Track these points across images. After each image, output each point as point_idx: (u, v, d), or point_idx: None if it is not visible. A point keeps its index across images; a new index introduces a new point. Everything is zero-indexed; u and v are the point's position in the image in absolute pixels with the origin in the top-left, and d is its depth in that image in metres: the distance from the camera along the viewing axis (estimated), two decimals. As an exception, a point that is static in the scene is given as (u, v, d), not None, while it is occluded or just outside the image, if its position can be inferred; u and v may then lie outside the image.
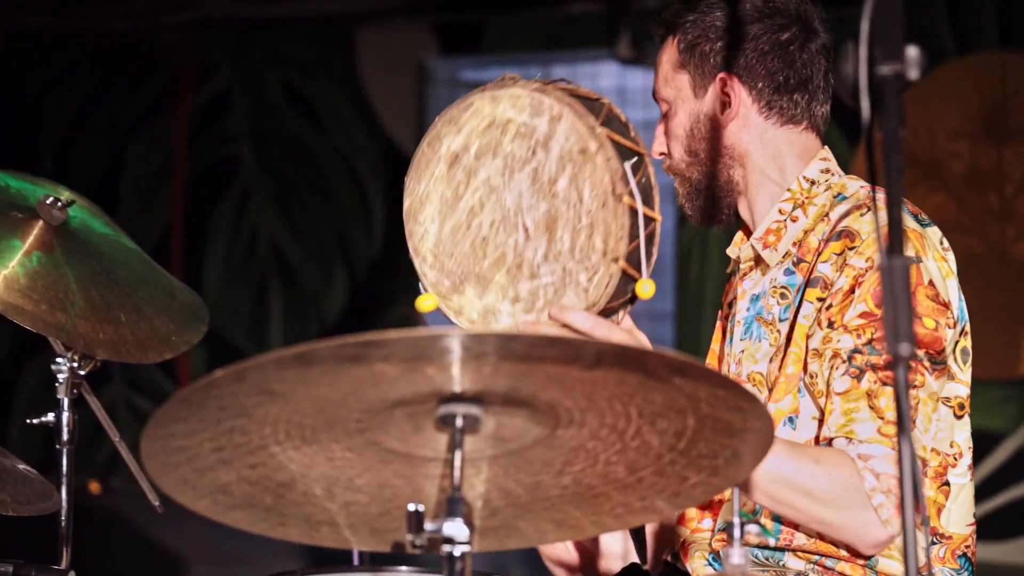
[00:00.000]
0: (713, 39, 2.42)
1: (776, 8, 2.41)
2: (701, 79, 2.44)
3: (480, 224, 2.21)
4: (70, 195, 2.54)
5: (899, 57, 1.52)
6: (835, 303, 2.27)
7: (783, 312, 2.39)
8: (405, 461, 1.70)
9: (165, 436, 1.58)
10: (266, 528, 1.75)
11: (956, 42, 7.30)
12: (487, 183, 2.20)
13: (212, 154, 9.10)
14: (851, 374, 2.23)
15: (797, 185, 2.43)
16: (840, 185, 2.43)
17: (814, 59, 2.43)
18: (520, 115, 2.15)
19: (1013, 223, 7.17)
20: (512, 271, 2.19)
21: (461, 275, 2.24)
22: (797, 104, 2.44)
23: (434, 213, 2.24)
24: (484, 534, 1.77)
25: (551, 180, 2.14)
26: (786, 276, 2.40)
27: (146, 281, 2.62)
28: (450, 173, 2.22)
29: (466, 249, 2.23)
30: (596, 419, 1.63)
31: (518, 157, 2.17)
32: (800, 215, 2.41)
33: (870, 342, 2.23)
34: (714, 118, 2.44)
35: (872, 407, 2.20)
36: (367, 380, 1.54)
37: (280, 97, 8.93)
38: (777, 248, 2.42)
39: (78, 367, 2.53)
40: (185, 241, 9.13)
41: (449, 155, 2.21)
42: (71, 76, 9.44)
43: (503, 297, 2.20)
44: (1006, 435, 7.16)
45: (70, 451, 2.55)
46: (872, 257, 2.27)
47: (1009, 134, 7.20)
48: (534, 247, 2.17)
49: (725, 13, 2.41)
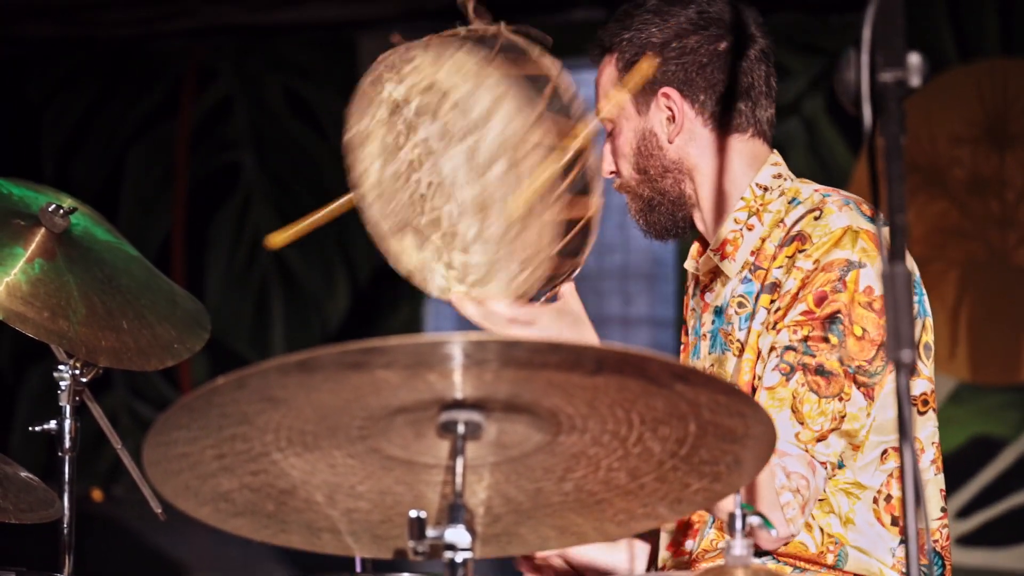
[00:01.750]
0: (651, 56, 2.41)
1: (711, 19, 2.41)
2: (643, 96, 2.43)
3: (419, 181, 2.13)
4: (72, 202, 2.54)
5: (901, 64, 1.52)
6: (782, 306, 2.28)
7: (742, 322, 2.39)
8: (407, 468, 1.70)
9: (167, 443, 1.59)
10: (268, 535, 1.75)
11: (958, 48, 7.30)
12: (426, 143, 2.12)
13: (213, 161, 9.11)
14: (781, 370, 2.23)
15: (750, 193, 2.43)
16: (794, 190, 2.42)
17: (754, 65, 2.43)
18: (463, 85, 2.07)
19: (1015, 230, 7.16)
20: (447, 237, 2.12)
21: (401, 221, 2.16)
22: (741, 112, 2.44)
23: (376, 153, 2.17)
24: (486, 541, 1.78)
25: (486, 164, 2.07)
26: (744, 285, 2.41)
27: (148, 288, 2.62)
28: (391, 120, 2.15)
29: (405, 199, 2.15)
30: (598, 425, 1.63)
31: (456, 129, 2.08)
32: (756, 223, 2.41)
33: (805, 339, 2.23)
34: (659, 134, 2.44)
35: (794, 410, 2.21)
36: (369, 387, 1.54)
37: (282, 103, 8.94)
38: (735, 258, 2.42)
39: (80, 374, 2.53)
40: (186, 248, 9.13)
41: (390, 102, 2.14)
42: (72, 84, 9.44)
43: (438, 258, 2.14)
44: (1008, 442, 7.15)
45: (72, 458, 2.55)
46: (819, 259, 2.27)
47: (1011, 140, 7.20)
48: (468, 224, 2.09)
49: (661, 28, 2.40)
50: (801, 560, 2.31)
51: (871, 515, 2.31)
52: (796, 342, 2.23)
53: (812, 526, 2.31)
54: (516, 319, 2.12)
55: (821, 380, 2.21)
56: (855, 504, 2.31)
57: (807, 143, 7.25)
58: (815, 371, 2.21)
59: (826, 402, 2.21)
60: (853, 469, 2.30)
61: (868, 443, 2.29)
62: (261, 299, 8.99)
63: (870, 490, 2.31)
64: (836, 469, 2.28)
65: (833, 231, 2.28)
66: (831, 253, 2.26)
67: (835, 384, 2.21)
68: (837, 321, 2.22)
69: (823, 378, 2.21)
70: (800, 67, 7.28)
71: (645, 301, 8.28)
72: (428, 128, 2.10)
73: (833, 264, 2.25)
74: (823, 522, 2.31)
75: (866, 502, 2.31)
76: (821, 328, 2.23)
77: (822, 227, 2.29)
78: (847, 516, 2.30)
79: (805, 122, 7.28)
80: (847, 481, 2.30)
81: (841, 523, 2.30)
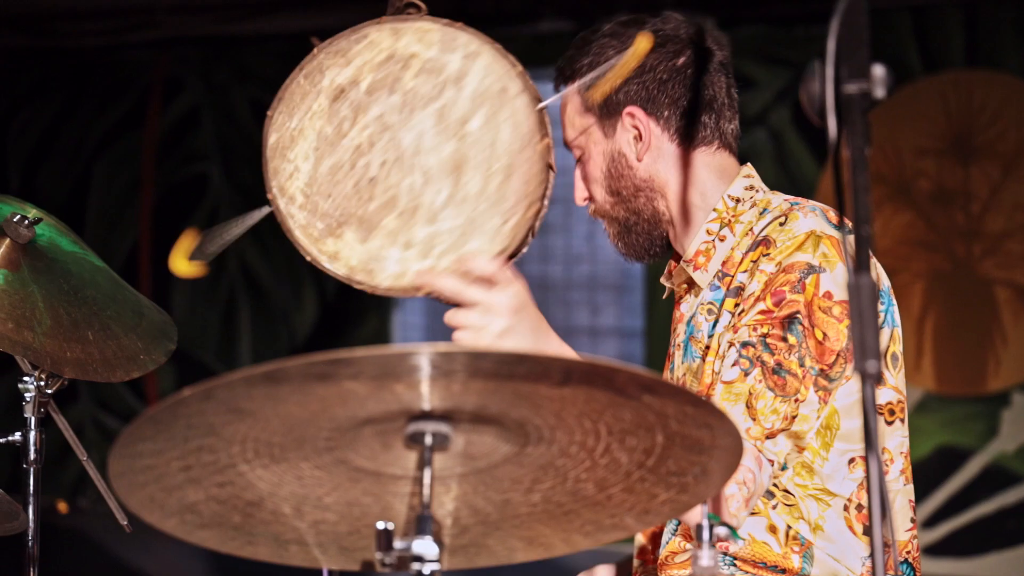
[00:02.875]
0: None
1: (667, 36, 2.42)
2: (608, 118, 2.44)
3: (368, 164, 2.11)
4: (37, 213, 2.53)
5: (865, 76, 1.53)
6: (746, 307, 2.29)
7: (711, 328, 2.40)
8: (374, 479, 1.69)
9: (133, 455, 1.58)
10: (235, 547, 1.74)
11: (923, 61, 7.34)
12: (380, 120, 2.10)
13: (181, 172, 9.09)
14: (740, 365, 2.24)
15: (722, 204, 2.44)
16: (765, 201, 2.44)
17: (714, 78, 2.44)
18: (427, 50, 2.07)
19: (980, 241, 7.21)
20: (405, 215, 2.10)
21: (339, 217, 2.13)
22: (706, 125, 2.45)
23: (308, 150, 2.13)
24: (454, 552, 1.77)
25: (461, 120, 2.06)
26: (712, 292, 2.42)
27: (114, 299, 2.61)
28: (332, 107, 2.11)
29: (348, 190, 2.12)
30: (565, 436, 1.63)
31: (421, 95, 2.07)
32: (728, 234, 2.42)
33: (764, 337, 2.24)
34: (628, 154, 2.45)
35: (748, 406, 2.21)
36: (336, 398, 1.54)
37: (249, 114, 8.92)
38: (708, 269, 2.43)
39: (45, 386, 2.52)
40: (153, 259, 9.10)
41: (333, 89, 2.11)
42: (38, 94, 9.41)
43: (392, 243, 2.11)
44: (974, 452, 7.19)
45: (37, 470, 2.54)
46: (781, 261, 2.28)
47: (975, 152, 7.24)
48: (436, 189, 2.08)
49: (619, 50, 2.41)
50: (766, 565, 2.31)
51: (842, 523, 2.31)
52: (755, 339, 2.24)
53: (777, 528, 2.32)
54: (497, 278, 2.10)
55: (779, 379, 2.22)
56: (825, 511, 2.31)
57: (773, 154, 7.28)
58: (773, 370, 2.22)
59: (780, 401, 2.21)
60: (820, 476, 2.31)
61: (833, 450, 2.30)
62: (228, 310, 8.97)
63: (840, 498, 2.31)
64: (780, 470, 2.28)
65: (797, 235, 2.29)
66: (792, 256, 2.27)
67: (792, 384, 2.22)
68: (796, 322, 2.23)
69: (780, 377, 2.22)
70: (766, 79, 7.31)
71: (613, 312, 8.30)
72: (384, 103, 2.09)
73: (794, 266, 2.27)
74: (796, 526, 2.31)
75: (836, 510, 2.31)
76: (780, 328, 2.23)
77: (786, 232, 2.31)
78: (816, 523, 2.31)
79: (771, 133, 7.31)
80: (816, 487, 2.31)
81: (811, 529, 2.31)
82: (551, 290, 8.12)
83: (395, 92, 2.08)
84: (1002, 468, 7.18)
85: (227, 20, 8.53)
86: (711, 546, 1.76)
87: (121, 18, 8.63)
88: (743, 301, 2.30)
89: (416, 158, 2.08)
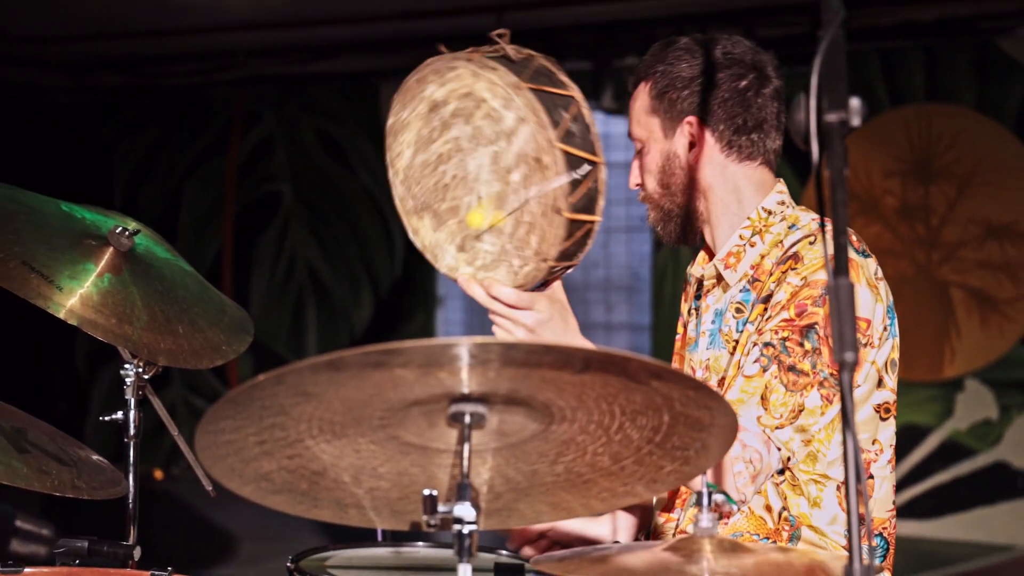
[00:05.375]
0: (680, 87, 2.38)
1: (735, 59, 2.38)
2: (670, 122, 2.40)
3: (444, 172, 2.11)
4: (136, 225, 2.53)
5: (843, 107, 1.51)
6: (772, 314, 2.26)
7: (739, 326, 2.37)
8: (421, 452, 1.68)
9: (216, 431, 1.57)
10: (302, 510, 1.73)
11: (889, 95, 7.31)
12: (456, 142, 2.09)
13: (257, 191, 9.11)
14: (760, 363, 2.21)
15: (756, 214, 2.41)
16: (794, 216, 2.40)
17: (767, 102, 2.40)
18: (493, 100, 2.04)
19: (938, 250, 7.17)
20: (463, 224, 2.10)
21: (423, 203, 2.14)
22: (753, 143, 2.40)
23: (411, 140, 2.14)
24: (489, 515, 1.76)
25: (507, 169, 2.04)
26: (742, 294, 2.39)
27: (200, 299, 2.61)
28: (428, 115, 2.11)
29: (430, 185, 2.13)
30: (585, 416, 1.62)
31: (486, 134, 2.06)
32: (758, 241, 2.39)
33: (784, 341, 2.21)
34: (681, 156, 2.41)
35: (763, 398, 2.19)
36: (388, 383, 1.53)
37: (315, 142, 8.94)
38: (736, 269, 2.40)
39: (143, 372, 2.52)
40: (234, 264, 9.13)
41: (430, 100, 2.10)
42: (138, 126, 9.45)
43: (451, 241, 2.12)
44: (932, 429, 7.15)
45: (136, 444, 2.54)
46: (807, 276, 2.25)
47: (935, 174, 7.20)
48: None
49: (690, 64, 2.38)
50: (759, 537, 2.29)
51: (835, 501, 2.29)
52: (776, 341, 2.21)
53: (772, 507, 2.30)
54: (517, 303, 2.11)
55: (791, 377, 2.19)
56: (823, 490, 2.29)
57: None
58: (788, 369, 2.19)
59: (790, 395, 2.18)
60: (823, 463, 2.28)
61: (835, 440, 2.26)
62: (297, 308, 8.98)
63: (835, 480, 2.29)
64: (788, 460, 2.24)
65: (823, 256, 2.26)
66: (817, 274, 2.24)
67: (802, 382, 2.19)
68: (813, 331, 2.20)
69: (794, 375, 2.19)
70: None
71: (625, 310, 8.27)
72: (461, 129, 2.08)
73: (817, 283, 2.23)
74: (791, 502, 2.29)
75: (831, 489, 2.29)
76: (799, 334, 2.20)
77: (814, 251, 2.27)
78: (815, 500, 2.29)
79: (760, 158, 7.27)
80: (817, 473, 2.28)
81: (809, 504, 2.28)
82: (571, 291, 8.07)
83: (469, 124, 2.07)
84: (956, 443, 7.14)
85: (296, 62, 8.56)
86: (709, 511, 1.75)
87: (208, 61, 8.67)
88: (771, 308, 2.27)
89: (476, 183, 2.07)
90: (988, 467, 7.05)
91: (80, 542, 2.26)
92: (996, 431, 7.06)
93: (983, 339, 7.07)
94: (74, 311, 2.37)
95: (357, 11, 7.55)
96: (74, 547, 2.25)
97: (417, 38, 7.71)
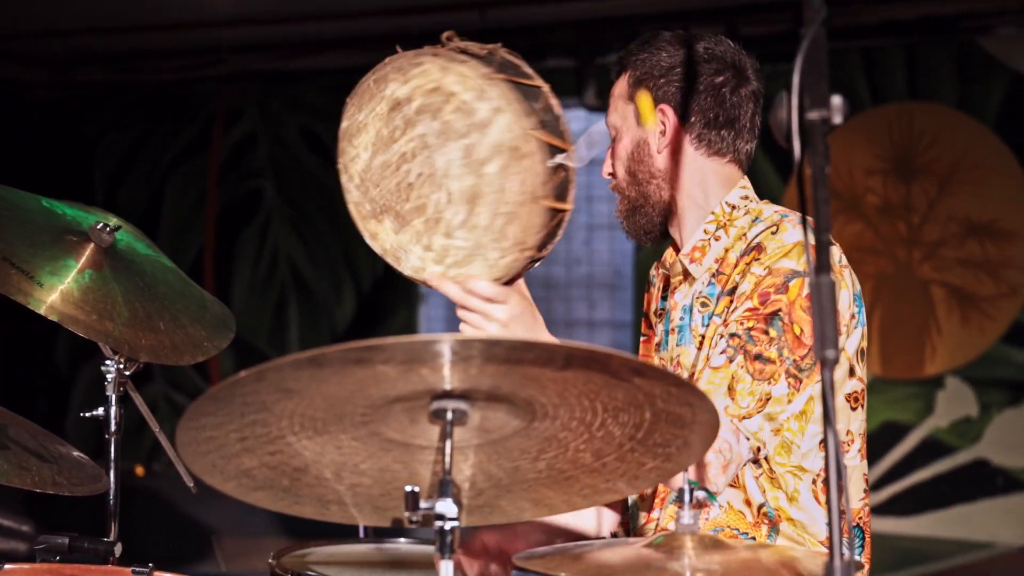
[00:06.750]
0: (657, 76, 2.39)
1: (716, 55, 2.39)
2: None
3: (408, 171, 2.08)
4: (117, 221, 2.52)
5: (825, 105, 1.51)
6: (737, 305, 2.27)
7: (704, 320, 2.38)
8: (403, 449, 1.68)
9: (197, 427, 1.57)
10: (284, 506, 1.73)
11: (871, 94, 7.32)
12: (422, 138, 2.06)
13: (239, 187, 9.09)
14: (726, 353, 2.21)
15: (720, 209, 2.41)
16: (757, 210, 2.40)
17: (743, 102, 2.40)
18: (464, 93, 2.02)
19: (919, 248, 7.19)
20: (430, 223, 2.07)
21: (383, 206, 2.11)
22: (724, 139, 2.40)
23: (368, 143, 2.11)
24: (471, 511, 1.76)
25: (481, 161, 2.02)
26: (707, 287, 2.39)
27: (182, 295, 2.60)
28: (390, 115, 2.09)
29: (391, 187, 2.10)
30: (567, 413, 1.62)
31: (455, 128, 2.03)
32: (723, 235, 2.39)
33: (749, 330, 2.22)
34: (652, 144, 2.41)
35: (730, 388, 2.19)
36: (370, 380, 1.53)
37: (298, 139, 8.92)
38: (702, 263, 2.41)
39: (124, 368, 2.51)
40: (216, 261, 9.10)
41: (392, 99, 2.08)
42: (120, 122, 9.41)
43: (416, 241, 2.10)
44: (913, 427, 7.17)
45: (117, 440, 2.53)
46: (770, 265, 2.25)
47: (915, 172, 7.22)
48: (455, 211, 2.05)
49: (671, 54, 2.39)
50: (738, 532, 2.29)
51: (811, 495, 2.29)
52: (741, 331, 2.21)
53: (752, 502, 2.30)
54: (494, 297, 2.10)
55: (758, 366, 2.19)
56: (799, 484, 2.29)
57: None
58: (754, 358, 2.20)
59: (757, 384, 2.19)
60: (798, 455, 2.28)
61: (807, 431, 2.27)
62: (279, 305, 8.96)
63: (810, 473, 2.29)
64: (757, 451, 2.24)
65: (785, 244, 2.26)
66: (780, 262, 2.25)
67: (768, 370, 2.19)
68: (777, 318, 2.21)
69: (760, 363, 2.20)
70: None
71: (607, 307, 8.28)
72: (428, 125, 2.05)
73: (780, 271, 2.24)
74: (769, 496, 2.29)
75: (807, 483, 2.29)
76: (763, 323, 2.21)
77: (777, 240, 2.28)
78: (792, 494, 2.29)
79: (742, 156, 7.28)
80: (793, 465, 2.29)
81: (787, 499, 2.29)
82: (554, 288, 8.10)
83: (436, 119, 2.04)
84: (937, 441, 7.15)
85: (280, 58, 8.53)
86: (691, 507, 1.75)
87: (191, 57, 8.64)
88: (736, 300, 2.27)
89: (445, 179, 2.05)
90: (969, 464, 7.07)
91: (61, 538, 2.25)
92: (977, 428, 7.08)
93: (964, 337, 7.09)
94: (55, 307, 2.36)
95: (341, 7, 7.53)
96: (55, 543, 2.24)
97: (401, 34, 7.69)
